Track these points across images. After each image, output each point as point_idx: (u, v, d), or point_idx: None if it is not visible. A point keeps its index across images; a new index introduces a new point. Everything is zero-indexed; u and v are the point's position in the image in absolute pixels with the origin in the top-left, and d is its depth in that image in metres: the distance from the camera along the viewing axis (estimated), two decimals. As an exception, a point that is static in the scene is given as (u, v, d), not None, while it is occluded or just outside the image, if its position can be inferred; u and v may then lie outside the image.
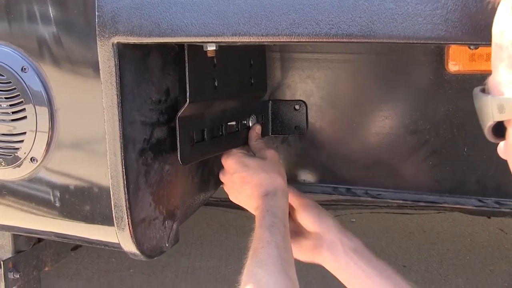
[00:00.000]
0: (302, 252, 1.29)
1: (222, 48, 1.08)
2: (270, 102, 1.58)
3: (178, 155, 1.13)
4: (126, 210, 1.04)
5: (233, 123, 1.40)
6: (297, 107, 1.56)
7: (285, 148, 1.59)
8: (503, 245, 3.64)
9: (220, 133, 1.33)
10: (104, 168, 1.06)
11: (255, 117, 1.48)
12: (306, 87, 1.54)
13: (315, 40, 0.87)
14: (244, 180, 1.30)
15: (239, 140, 1.43)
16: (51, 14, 1.11)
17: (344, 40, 0.85)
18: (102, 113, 1.01)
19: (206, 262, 3.44)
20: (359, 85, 1.52)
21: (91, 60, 1.08)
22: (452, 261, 3.43)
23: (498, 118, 0.68)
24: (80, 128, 1.15)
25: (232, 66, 1.32)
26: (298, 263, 1.15)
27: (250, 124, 1.46)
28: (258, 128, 1.47)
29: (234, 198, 1.39)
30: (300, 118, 1.56)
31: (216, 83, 1.23)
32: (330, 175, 1.58)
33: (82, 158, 1.17)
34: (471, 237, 3.77)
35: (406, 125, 1.48)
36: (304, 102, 1.55)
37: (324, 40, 0.86)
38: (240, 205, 1.38)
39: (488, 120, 0.70)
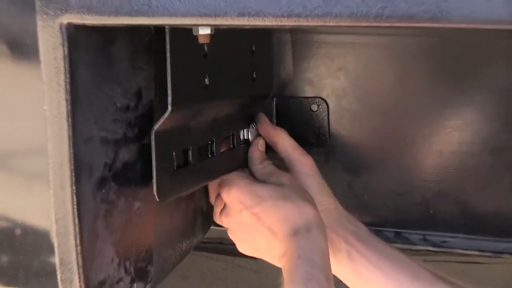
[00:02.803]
0: None
1: (217, 31, 1.07)
2: (275, 99, 1.58)
3: (154, 188, 1.12)
4: (78, 269, 1.02)
5: (228, 136, 1.40)
6: (314, 107, 1.56)
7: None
8: None
9: (209, 153, 1.32)
10: (45, 207, 1.05)
11: (255, 126, 1.48)
12: (337, 83, 1.54)
13: (360, 24, 0.86)
14: (260, 217, 1.28)
15: (235, 161, 1.43)
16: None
17: (403, 24, 0.85)
18: (44, 126, 1.00)
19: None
20: (414, 81, 1.52)
21: (28, 48, 1.08)
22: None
23: None
24: (9, 147, 1.14)
25: (228, 55, 1.32)
26: None
27: (250, 138, 1.46)
28: (261, 144, 1.46)
29: (246, 248, 1.38)
30: (319, 123, 1.57)
31: (207, 81, 1.22)
32: (371, 213, 1.59)
33: (11, 192, 1.15)
34: None
35: (484, 141, 1.49)
36: (324, 100, 1.55)
37: (374, 24, 0.85)
38: (257, 256, 1.38)
39: None
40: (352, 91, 1.54)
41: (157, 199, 1.14)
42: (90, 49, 1.01)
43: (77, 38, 0.97)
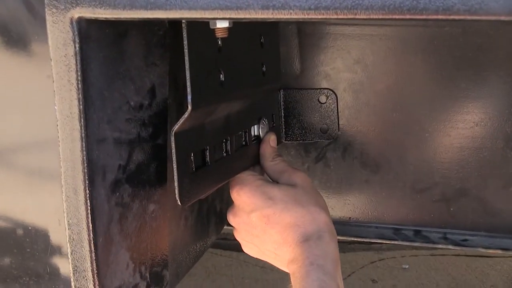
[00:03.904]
0: None
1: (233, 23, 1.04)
2: (282, 91, 1.56)
3: (176, 192, 1.09)
4: (93, 276, 1.00)
5: (240, 133, 1.37)
6: (322, 99, 1.54)
7: (321, 171, 1.55)
8: None
9: (224, 151, 1.30)
10: (57, 212, 1.03)
11: (266, 121, 1.46)
12: (354, 77, 1.52)
13: (393, 17, 0.83)
14: (270, 220, 1.26)
15: (247, 158, 1.40)
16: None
17: (439, 17, 0.82)
18: (55, 127, 0.96)
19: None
20: (434, 74, 1.49)
21: (38, 44, 1.04)
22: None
23: None
24: (19, 149, 1.11)
25: (240, 48, 1.29)
26: None
27: (261, 134, 1.44)
28: (273, 140, 1.44)
29: (252, 249, 1.35)
30: (327, 115, 1.55)
31: (222, 77, 1.19)
32: (389, 212, 1.56)
33: (23, 197, 1.13)
34: None
35: (507, 135, 1.46)
36: (332, 91, 1.53)
37: (407, 17, 0.82)
38: (262, 258, 1.35)
39: None
40: (370, 85, 1.51)
41: (179, 203, 1.10)
42: (102, 45, 0.97)
43: (88, 33, 0.94)
